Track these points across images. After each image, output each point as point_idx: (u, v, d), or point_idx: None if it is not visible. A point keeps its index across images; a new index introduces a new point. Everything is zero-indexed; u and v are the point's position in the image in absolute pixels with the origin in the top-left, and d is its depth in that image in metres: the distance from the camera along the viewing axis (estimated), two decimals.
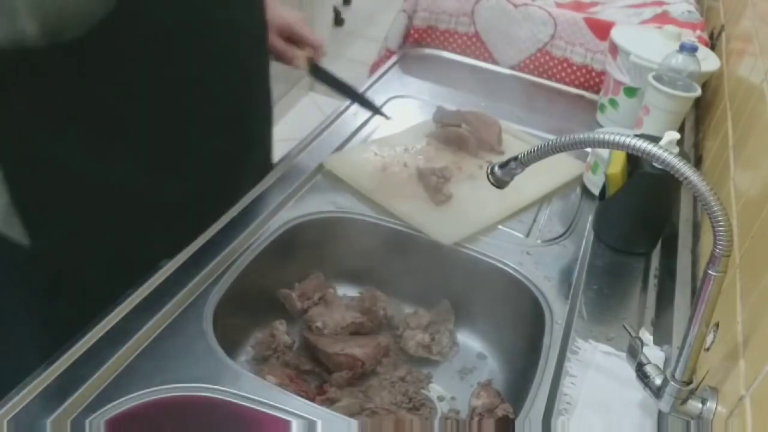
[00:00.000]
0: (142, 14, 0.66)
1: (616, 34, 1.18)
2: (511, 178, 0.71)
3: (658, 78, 1.04)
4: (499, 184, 0.72)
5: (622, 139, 0.57)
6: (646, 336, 0.77)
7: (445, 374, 0.86)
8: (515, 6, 1.35)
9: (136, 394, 0.63)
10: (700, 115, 1.24)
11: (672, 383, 0.60)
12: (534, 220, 0.95)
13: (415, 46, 1.44)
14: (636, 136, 0.56)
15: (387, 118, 1.04)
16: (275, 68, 0.95)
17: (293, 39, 0.99)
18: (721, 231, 0.53)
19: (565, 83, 1.36)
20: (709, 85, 1.20)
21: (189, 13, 0.71)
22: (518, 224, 0.94)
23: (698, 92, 1.03)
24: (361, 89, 1.24)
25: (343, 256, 0.93)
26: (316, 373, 0.83)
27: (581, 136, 0.60)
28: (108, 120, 0.70)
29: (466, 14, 1.39)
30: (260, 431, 0.65)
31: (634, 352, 0.67)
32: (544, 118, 1.23)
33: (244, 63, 0.84)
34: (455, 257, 0.88)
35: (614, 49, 1.17)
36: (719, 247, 0.53)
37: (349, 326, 0.85)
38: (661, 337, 0.77)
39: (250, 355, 0.84)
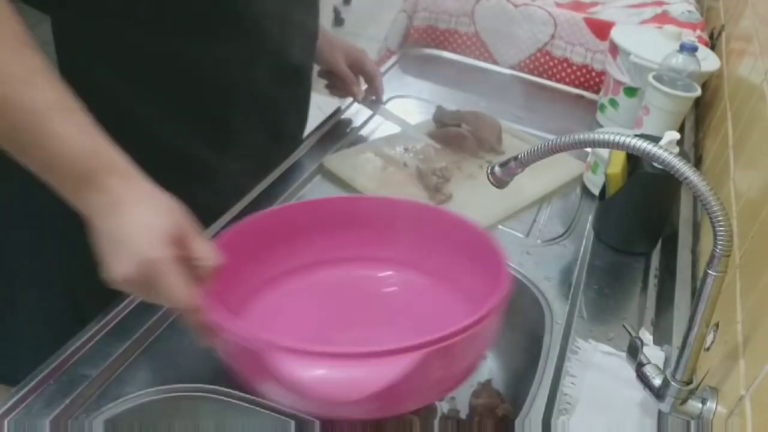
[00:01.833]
0: None
1: (616, 34, 1.18)
2: (511, 178, 0.71)
3: (658, 78, 1.04)
4: (499, 184, 0.72)
5: (622, 139, 0.57)
6: (646, 336, 0.77)
7: None
8: (515, 6, 1.35)
9: (136, 394, 0.63)
10: (700, 115, 1.24)
11: (672, 383, 0.60)
12: (534, 220, 0.95)
13: (415, 46, 1.44)
14: (636, 136, 0.56)
15: (436, 146, 1.06)
16: None
17: (354, 67, 1.06)
18: (721, 231, 0.53)
19: (565, 83, 1.36)
20: (709, 85, 1.20)
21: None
22: (518, 224, 0.94)
23: (698, 92, 1.03)
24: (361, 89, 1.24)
25: None
26: None
27: (581, 136, 0.60)
28: (166, 77, 0.74)
29: (466, 14, 1.39)
30: (260, 431, 0.65)
31: (634, 352, 0.67)
32: (544, 118, 1.23)
33: (300, 57, 0.90)
34: None
35: (614, 49, 1.17)
36: (719, 247, 0.53)
37: None
38: (661, 337, 0.77)
39: None
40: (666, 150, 0.55)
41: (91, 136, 0.56)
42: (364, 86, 1.10)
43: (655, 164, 0.57)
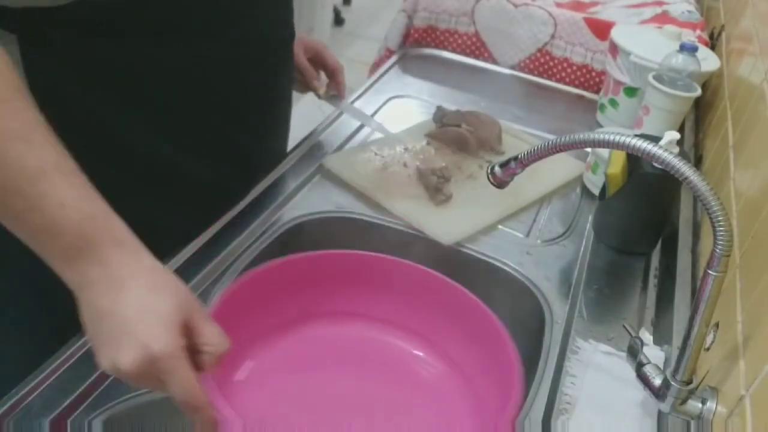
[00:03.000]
0: None
1: (616, 34, 1.18)
2: (511, 178, 0.71)
3: (658, 78, 1.04)
4: (499, 184, 0.72)
5: (622, 139, 0.57)
6: (646, 336, 0.77)
7: None
8: (515, 6, 1.35)
9: (136, 393, 0.63)
10: (700, 115, 1.24)
11: (672, 383, 0.60)
12: (534, 220, 0.95)
13: (415, 46, 1.44)
14: (636, 136, 0.56)
15: (403, 144, 1.05)
16: None
17: (315, 61, 1.02)
18: (721, 231, 0.53)
19: (565, 83, 1.36)
20: (709, 85, 1.20)
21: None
22: (518, 224, 0.94)
23: (698, 92, 1.03)
24: (361, 89, 1.24)
25: None
26: None
27: (581, 136, 0.60)
28: (144, 87, 0.71)
29: (466, 14, 1.39)
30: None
31: (634, 352, 0.67)
32: (544, 118, 1.23)
33: (275, 56, 0.87)
34: (455, 257, 0.88)
35: (614, 49, 1.17)
36: (719, 247, 0.53)
37: None
38: (661, 337, 0.77)
39: None
40: (666, 150, 0.55)
41: (91, 201, 0.51)
42: (326, 81, 1.05)
43: (655, 164, 0.57)
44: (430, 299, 0.71)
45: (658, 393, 0.62)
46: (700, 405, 0.59)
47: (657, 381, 0.63)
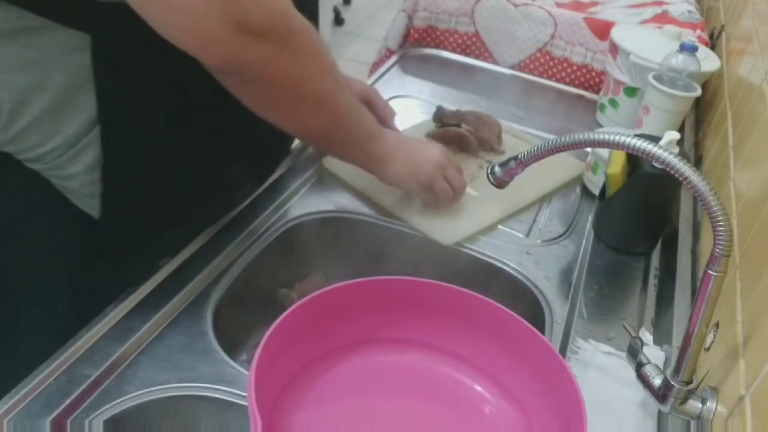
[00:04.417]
0: None
1: (616, 34, 1.18)
2: (511, 178, 0.71)
3: (658, 78, 1.04)
4: (499, 184, 0.72)
5: (622, 139, 0.57)
6: (646, 336, 0.77)
7: None
8: (515, 6, 1.35)
9: (136, 394, 0.63)
10: (700, 115, 1.24)
11: (672, 383, 0.60)
12: (534, 220, 0.95)
13: (415, 46, 1.44)
14: (636, 136, 0.56)
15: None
16: None
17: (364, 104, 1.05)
18: (721, 231, 0.53)
19: (565, 83, 1.36)
20: (709, 85, 1.20)
21: None
22: (518, 224, 0.94)
23: (698, 92, 1.03)
24: None
25: (343, 256, 0.93)
26: None
27: (581, 136, 0.60)
28: (194, 94, 0.72)
29: (466, 14, 1.39)
30: None
31: (634, 352, 0.67)
32: (544, 118, 1.23)
33: None
34: (455, 257, 0.88)
35: (614, 49, 1.17)
36: (719, 247, 0.53)
37: None
38: (661, 337, 0.77)
39: (250, 355, 0.84)
40: (666, 150, 0.55)
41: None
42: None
43: (655, 164, 0.57)
44: (492, 331, 0.68)
45: (658, 393, 0.62)
46: (700, 405, 0.59)
47: (657, 381, 0.63)
